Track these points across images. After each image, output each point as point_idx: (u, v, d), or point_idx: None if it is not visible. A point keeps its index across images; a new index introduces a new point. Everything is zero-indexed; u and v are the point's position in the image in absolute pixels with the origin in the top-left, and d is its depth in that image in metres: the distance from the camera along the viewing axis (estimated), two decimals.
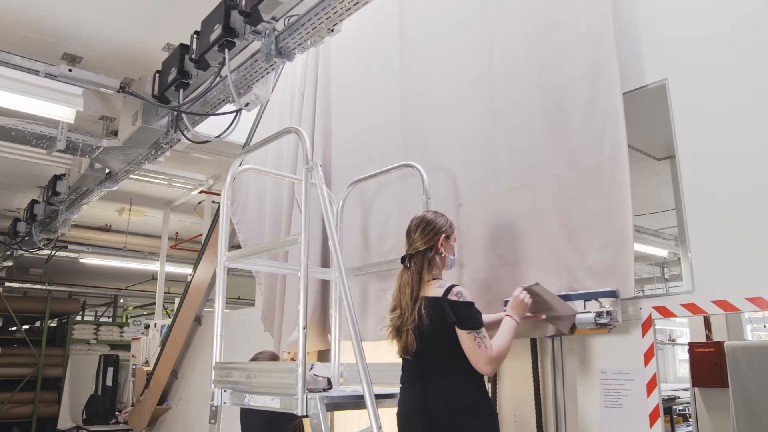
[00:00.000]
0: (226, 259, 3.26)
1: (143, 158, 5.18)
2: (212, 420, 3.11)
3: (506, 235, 3.18)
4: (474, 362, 2.48)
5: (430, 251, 2.68)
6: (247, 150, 3.89)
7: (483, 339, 2.46)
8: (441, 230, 2.72)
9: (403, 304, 2.58)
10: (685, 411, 6.88)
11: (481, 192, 3.37)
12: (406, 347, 2.54)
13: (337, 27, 3.19)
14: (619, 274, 2.68)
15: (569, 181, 2.95)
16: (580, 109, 2.94)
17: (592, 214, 2.83)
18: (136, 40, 4.71)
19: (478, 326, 2.49)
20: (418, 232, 2.70)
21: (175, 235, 11.51)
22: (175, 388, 7.14)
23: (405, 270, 2.67)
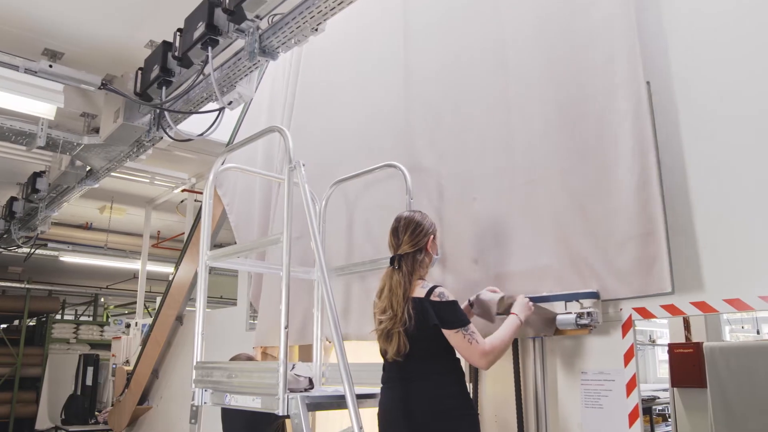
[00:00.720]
0: (208, 258, 3.24)
1: (125, 156, 5.13)
2: (193, 420, 3.09)
3: (523, 231, 3.08)
4: (468, 359, 2.50)
5: (420, 253, 2.68)
6: (230, 149, 3.87)
7: (473, 335, 2.47)
8: (429, 231, 2.73)
9: (395, 306, 2.56)
10: (665, 411, 6.95)
11: (497, 186, 3.25)
12: (398, 350, 2.53)
13: (321, 26, 3.18)
14: (650, 270, 2.56)
15: (588, 174, 2.85)
16: (601, 99, 2.84)
17: (616, 207, 2.72)
18: (118, 37, 4.67)
19: (465, 323, 2.50)
20: (407, 234, 2.69)
21: (157, 233, 11.43)
22: (156, 388, 7.08)
23: (395, 271, 2.64)
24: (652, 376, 10.26)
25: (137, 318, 9.25)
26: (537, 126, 3.09)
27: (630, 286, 2.64)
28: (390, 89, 3.96)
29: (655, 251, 2.55)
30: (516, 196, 3.14)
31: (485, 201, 3.29)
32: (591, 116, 2.88)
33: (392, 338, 2.54)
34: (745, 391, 3.33)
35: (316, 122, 4.52)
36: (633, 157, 2.67)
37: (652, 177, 2.60)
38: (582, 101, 2.92)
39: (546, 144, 3.04)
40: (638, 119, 2.68)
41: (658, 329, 10.23)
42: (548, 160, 3.03)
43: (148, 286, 10.47)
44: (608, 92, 2.82)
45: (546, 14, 3.12)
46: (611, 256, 2.71)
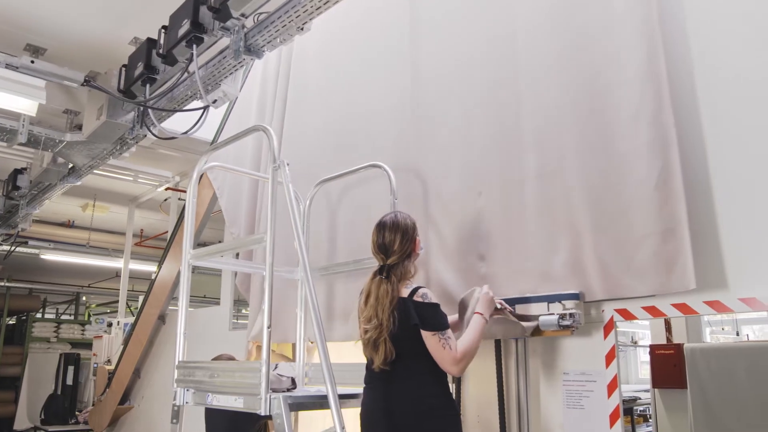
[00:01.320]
0: (191, 257, 3.22)
1: (108, 153, 5.08)
2: (174, 420, 3.08)
3: (533, 227, 2.99)
4: (440, 363, 2.49)
5: (408, 258, 2.67)
6: (214, 147, 3.86)
7: (448, 340, 2.47)
8: (414, 234, 2.72)
9: (380, 314, 2.54)
10: (646, 411, 7.00)
11: (504, 180, 3.16)
12: (386, 358, 2.52)
13: (306, 26, 3.17)
14: (672, 267, 2.48)
15: (603, 168, 2.76)
16: (619, 90, 2.75)
17: (632, 201, 2.65)
18: (102, 33, 4.63)
19: (443, 327, 2.50)
20: (397, 244, 2.65)
21: (140, 232, 11.35)
22: (138, 388, 7.03)
23: (384, 281, 2.61)
24: (633, 377, 10.32)
25: (119, 317, 9.18)
26: (549, 119, 3.00)
27: (648, 284, 2.56)
28: (395, 83, 3.84)
29: (676, 248, 2.47)
30: (524, 190, 3.06)
31: (491, 195, 3.21)
32: (607, 108, 2.80)
33: (379, 347, 2.52)
34: (724, 392, 3.36)
35: (310, 121, 4.46)
36: (651, 152, 2.59)
37: (675, 173, 2.52)
38: (597, 93, 2.83)
39: (557, 137, 2.95)
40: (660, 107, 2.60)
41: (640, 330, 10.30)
42: (561, 154, 2.93)
43: (130, 284, 10.40)
44: (626, 84, 2.72)
45: (561, 3, 3.03)
46: (629, 253, 2.63)
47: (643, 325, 9.12)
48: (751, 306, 2.38)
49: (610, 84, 2.79)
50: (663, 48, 2.64)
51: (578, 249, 2.81)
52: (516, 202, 3.09)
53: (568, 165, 2.90)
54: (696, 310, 2.50)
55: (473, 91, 3.39)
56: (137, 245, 11.15)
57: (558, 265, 2.87)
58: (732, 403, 3.30)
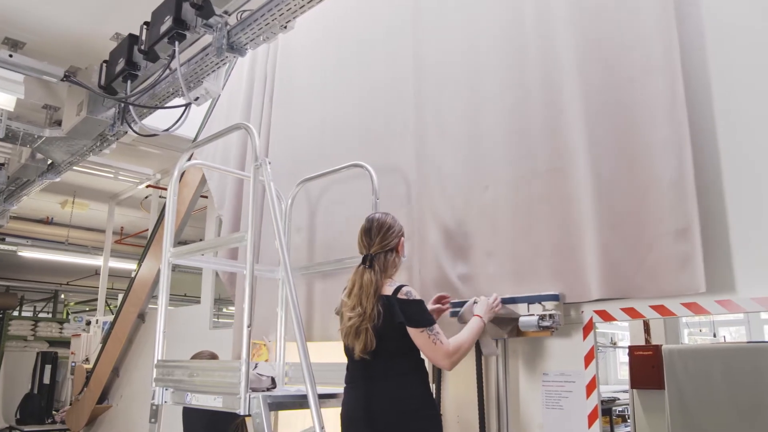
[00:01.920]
0: (171, 256, 3.20)
1: (88, 150, 5.03)
2: (152, 419, 3.05)
3: (540, 223, 2.92)
4: (432, 359, 2.51)
5: (391, 253, 2.70)
6: (196, 145, 3.84)
7: (437, 335, 2.49)
8: (400, 233, 2.76)
9: (365, 303, 2.56)
10: (625, 412, 7.06)
11: (511, 174, 3.09)
12: (366, 346, 2.52)
13: (290, 24, 3.16)
14: (683, 269, 2.45)
15: (618, 165, 2.70)
16: (636, 83, 2.69)
17: (644, 201, 2.60)
18: (83, 28, 4.57)
19: (430, 323, 2.51)
20: (380, 235, 2.70)
21: (120, 229, 11.24)
22: (116, 387, 6.97)
23: (367, 270, 2.64)
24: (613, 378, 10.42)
25: (98, 315, 9.09)
26: (562, 112, 2.92)
27: (659, 285, 2.53)
28: (396, 76, 3.75)
29: (689, 249, 2.43)
30: (534, 185, 2.98)
31: (498, 189, 3.13)
32: (622, 103, 2.74)
33: (360, 335, 2.54)
34: (701, 393, 3.40)
35: (299, 119, 4.42)
36: (666, 150, 2.54)
37: (688, 172, 2.48)
38: (612, 87, 2.77)
39: (569, 131, 2.87)
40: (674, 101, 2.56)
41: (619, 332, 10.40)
42: (572, 148, 2.86)
43: (110, 282, 10.30)
44: (641, 78, 2.68)
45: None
46: (641, 253, 2.59)
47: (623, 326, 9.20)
48: (727, 308, 2.41)
49: (625, 78, 2.73)
50: (678, 42, 2.59)
51: (587, 245, 2.76)
52: (522, 196, 3.02)
53: (578, 160, 2.84)
54: (674, 312, 2.53)
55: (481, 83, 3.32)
56: (117, 243, 11.06)
57: (571, 262, 2.83)
58: (708, 404, 3.34)
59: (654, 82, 2.63)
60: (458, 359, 2.53)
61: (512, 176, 3.08)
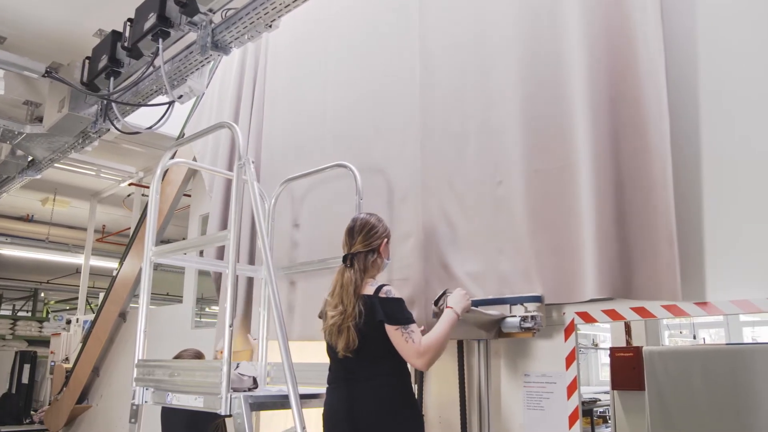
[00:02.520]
0: (153, 254, 3.18)
1: (69, 147, 4.97)
2: (132, 419, 3.03)
3: (554, 221, 2.84)
4: (405, 357, 2.50)
5: (372, 254, 2.70)
6: (179, 143, 3.82)
7: (411, 334, 2.48)
8: (383, 235, 2.75)
9: (346, 301, 2.57)
10: (606, 413, 7.12)
11: (525, 169, 2.99)
12: (348, 345, 2.52)
13: (275, 23, 3.15)
14: (663, 275, 2.46)
15: (625, 162, 2.68)
16: (624, 84, 2.70)
17: (652, 200, 2.57)
18: (65, 24, 4.52)
19: (407, 321, 2.51)
20: (362, 235, 2.71)
21: (102, 227, 11.15)
22: (96, 386, 6.91)
23: (347, 269, 2.66)
24: (594, 379, 10.50)
25: (79, 314, 9.03)
26: (574, 105, 2.85)
27: (660, 290, 2.50)
28: (403, 66, 3.64)
29: (669, 256, 2.46)
30: (548, 180, 2.91)
31: (511, 185, 3.05)
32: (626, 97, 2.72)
33: (342, 333, 2.54)
34: (680, 394, 3.44)
35: (293, 116, 4.35)
36: (652, 154, 2.55)
37: (668, 179, 2.51)
38: (620, 81, 2.74)
39: (582, 125, 2.80)
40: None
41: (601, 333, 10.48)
42: (583, 143, 2.78)
43: (91, 281, 10.22)
44: (632, 79, 2.68)
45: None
46: (647, 255, 2.57)
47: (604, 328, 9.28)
48: (706, 310, 2.44)
49: (624, 78, 2.72)
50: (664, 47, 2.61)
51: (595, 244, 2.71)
52: (536, 192, 2.97)
53: (590, 155, 2.78)
54: (654, 314, 2.55)
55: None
56: (99, 241, 10.97)
57: (579, 261, 2.79)
58: (687, 405, 3.38)
59: (644, 84, 2.63)
60: (432, 358, 2.48)
61: (525, 171, 3.00)
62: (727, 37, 2.57)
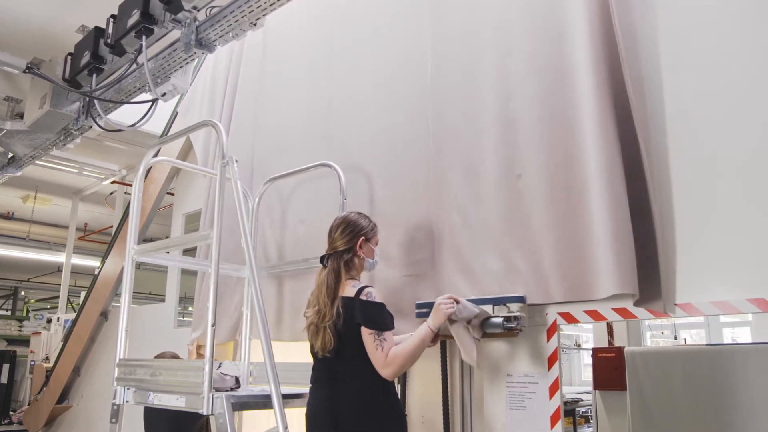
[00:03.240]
0: (135, 253, 3.15)
1: (51, 144, 4.93)
2: (113, 419, 3.00)
3: (573, 214, 2.75)
4: (374, 364, 2.47)
5: (348, 252, 2.67)
6: (162, 141, 3.80)
7: (382, 342, 2.45)
8: (361, 232, 2.70)
9: (321, 302, 2.57)
10: (588, 413, 7.17)
11: (544, 161, 2.87)
12: (324, 345, 2.51)
13: (260, 21, 3.14)
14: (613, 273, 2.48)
15: (570, 168, 2.72)
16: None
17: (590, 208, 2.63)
18: (48, 20, 4.48)
19: (382, 328, 2.48)
20: (338, 232, 2.69)
21: (84, 225, 11.04)
22: (77, 386, 6.84)
23: (323, 269, 2.67)
24: (577, 379, 10.57)
25: (60, 313, 8.94)
26: (588, 95, 2.74)
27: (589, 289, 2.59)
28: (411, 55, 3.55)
29: (625, 255, 2.49)
30: (567, 172, 2.80)
31: (532, 178, 2.92)
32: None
33: (319, 333, 2.53)
34: (661, 394, 3.47)
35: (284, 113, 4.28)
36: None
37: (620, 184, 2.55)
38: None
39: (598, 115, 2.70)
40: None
41: (584, 334, 10.56)
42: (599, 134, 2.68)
43: (72, 279, 10.13)
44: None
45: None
46: (584, 255, 2.63)
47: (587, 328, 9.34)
48: (687, 311, 2.46)
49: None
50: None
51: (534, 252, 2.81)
52: (555, 185, 2.89)
53: (522, 167, 2.90)
54: (635, 315, 2.56)
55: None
56: (81, 239, 10.86)
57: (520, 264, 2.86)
58: (668, 404, 3.41)
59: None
60: (396, 370, 2.44)
61: (545, 163, 2.92)
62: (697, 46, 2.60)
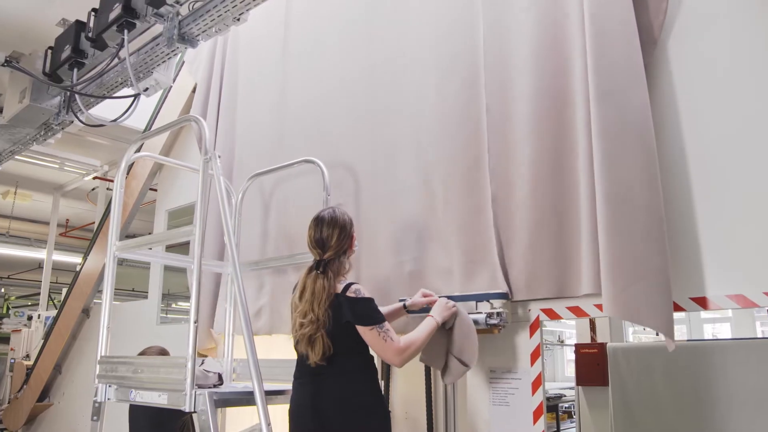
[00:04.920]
0: (117, 249, 3.12)
1: (31, 139, 4.86)
2: (95, 417, 2.98)
3: (557, 212, 2.78)
4: (382, 356, 2.49)
5: (344, 254, 2.64)
6: (145, 136, 3.76)
7: (387, 332, 2.47)
8: (351, 230, 2.68)
9: (317, 309, 2.50)
10: (571, 408, 7.23)
11: (528, 157, 2.91)
12: (324, 352, 2.47)
13: (243, 16, 3.11)
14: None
15: (543, 165, 2.82)
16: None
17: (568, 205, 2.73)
18: (27, 12, 4.43)
19: (380, 321, 2.49)
20: (335, 239, 2.61)
21: (65, 222, 10.93)
22: (58, 384, 6.78)
23: (320, 276, 2.56)
24: (560, 375, 10.66)
25: (40, 310, 8.85)
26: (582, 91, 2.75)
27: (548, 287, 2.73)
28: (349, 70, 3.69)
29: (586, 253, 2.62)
30: (554, 169, 2.83)
31: (517, 174, 2.95)
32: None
33: (315, 343, 2.48)
34: (642, 389, 3.50)
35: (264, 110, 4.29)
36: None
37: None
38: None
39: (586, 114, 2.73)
40: None
41: (567, 330, 10.64)
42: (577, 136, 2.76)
43: (54, 276, 10.02)
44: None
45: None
46: (561, 253, 2.72)
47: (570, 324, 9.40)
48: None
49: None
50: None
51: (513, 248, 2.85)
52: (450, 198, 3.07)
53: (505, 161, 2.92)
54: None
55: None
56: (62, 236, 10.76)
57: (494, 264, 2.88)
58: (649, 400, 3.44)
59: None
60: (409, 357, 2.51)
61: (443, 176, 3.11)
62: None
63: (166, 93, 5.51)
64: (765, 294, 2.28)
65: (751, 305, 2.32)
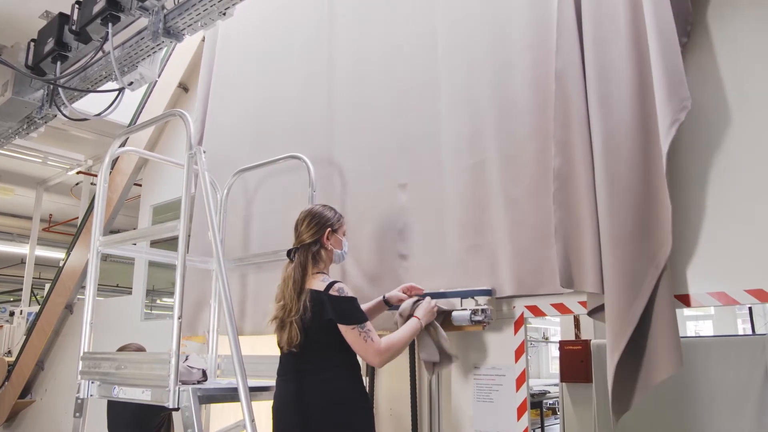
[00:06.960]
0: (100, 244, 3.10)
1: (13, 133, 4.80)
2: (77, 413, 2.96)
3: (541, 209, 2.78)
4: (363, 356, 2.50)
5: (315, 245, 2.66)
6: (129, 131, 3.73)
7: (369, 333, 2.48)
8: (327, 224, 2.69)
9: (287, 296, 2.55)
10: (555, 405, 7.28)
11: (513, 153, 2.92)
12: (291, 339, 2.51)
13: (229, 11, 3.09)
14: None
15: (521, 162, 2.87)
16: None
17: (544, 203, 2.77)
18: (10, 4, 4.37)
19: (362, 320, 2.50)
20: (304, 225, 2.67)
21: (48, 217, 10.83)
22: (41, 381, 6.72)
23: (290, 263, 2.65)
24: (545, 372, 10.73)
25: (23, 306, 8.75)
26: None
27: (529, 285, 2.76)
28: (314, 70, 3.75)
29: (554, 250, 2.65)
30: (445, 184, 3.01)
31: (413, 189, 3.14)
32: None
33: (285, 327, 2.52)
34: None
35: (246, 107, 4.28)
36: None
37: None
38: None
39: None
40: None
41: (552, 327, 10.72)
42: (483, 148, 2.95)
43: (36, 272, 9.92)
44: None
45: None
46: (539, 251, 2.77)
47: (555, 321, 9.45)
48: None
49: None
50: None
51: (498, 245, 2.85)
52: (436, 196, 3.09)
53: (489, 159, 2.93)
54: None
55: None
56: (45, 231, 10.66)
57: (476, 260, 2.91)
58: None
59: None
60: (389, 358, 2.53)
61: (426, 175, 3.14)
62: None
63: (152, 87, 5.48)
64: (746, 292, 2.30)
65: (732, 302, 2.35)
